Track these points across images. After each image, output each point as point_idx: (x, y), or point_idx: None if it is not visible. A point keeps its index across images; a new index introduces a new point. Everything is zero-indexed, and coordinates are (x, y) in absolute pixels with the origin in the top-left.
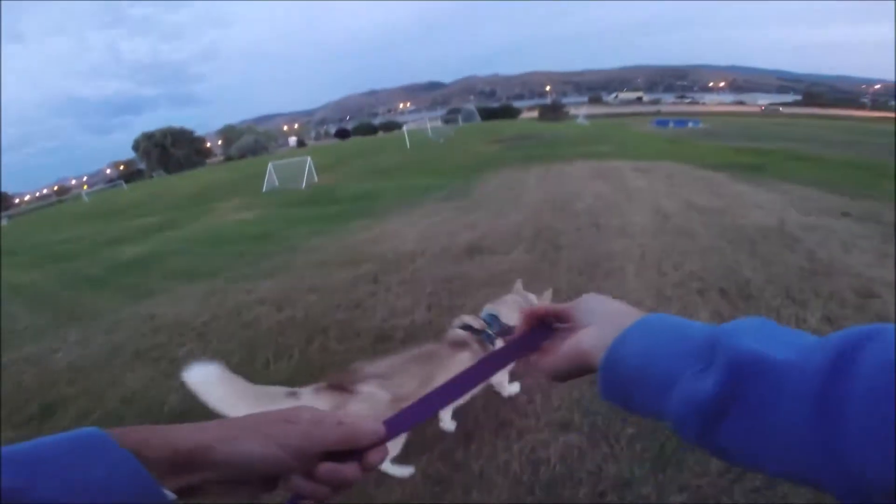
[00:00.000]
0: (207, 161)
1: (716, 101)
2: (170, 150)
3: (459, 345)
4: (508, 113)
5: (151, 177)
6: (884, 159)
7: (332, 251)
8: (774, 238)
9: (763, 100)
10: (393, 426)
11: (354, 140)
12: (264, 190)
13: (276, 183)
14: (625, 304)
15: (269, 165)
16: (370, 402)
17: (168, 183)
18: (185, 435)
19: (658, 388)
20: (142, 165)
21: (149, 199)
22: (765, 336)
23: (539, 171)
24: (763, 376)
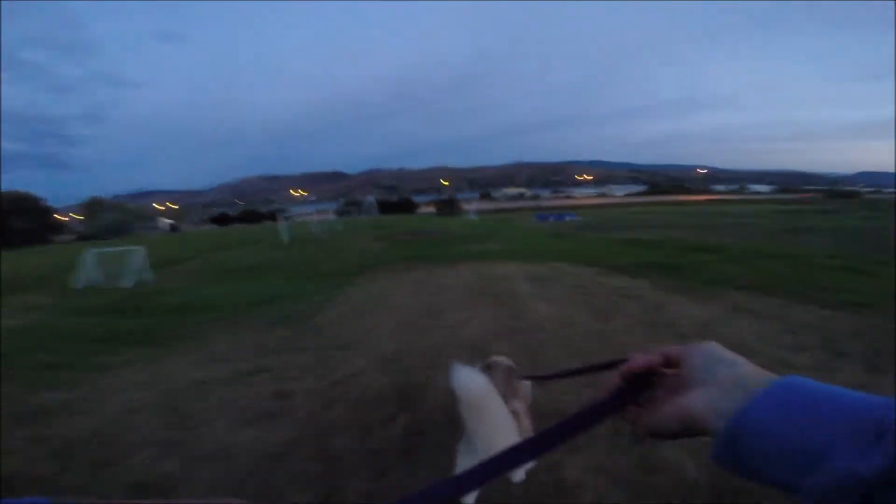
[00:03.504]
0: (56, 238)
1: (584, 194)
2: (7, 220)
3: (511, 368)
4: (407, 207)
5: None
6: (770, 243)
7: None
8: None
9: (619, 191)
10: None
11: (234, 228)
12: (78, 286)
13: (99, 278)
14: (747, 361)
15: (88, 254)
16: (524, 415)
17: None
18: None
19: (798, 459)
20: None
21: None
22: None
23: (417, 278)
24: None
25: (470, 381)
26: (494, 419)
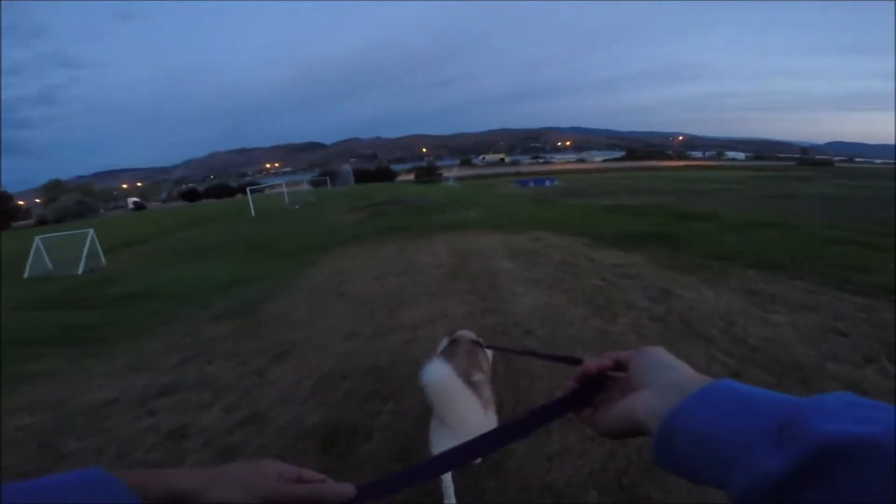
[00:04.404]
0: (14, 224)
1: (563, 160)
2: None
3: (475, 342)
4: (385, 175)
5: None
6: (760, 211)
7: None
8: None
9: (598, 156)
10: (371, 491)
11: (203, 204)
12: (27, 275)
13: (49, 265)
14: (687, 366)
15: (36, 241)
16: (486, 385)
17: None
18: (179, 480)
19: (722, 459)
20: None
21: None
22: (849, 412)
23: (387, 256)
24: (846, 455)
25: (436, 373)
26: (461, 402)
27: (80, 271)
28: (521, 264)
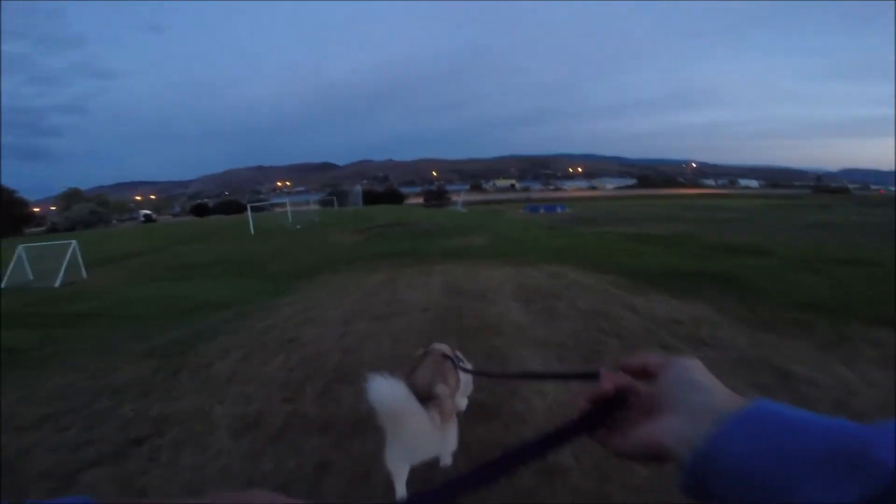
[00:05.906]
0: (27, 230)
1: (575, 187)
2: None
3: (446, 356)
4: (394, 197)
5: None
6: (815, 243)
7: None
8: None
9: (610, 183)
10: None
11: (211, 219)
12: (4, 285)
13: (29, 276)
14: (721, 385)
15: (19, 250)
16: (448, 398)
17: None
18: None
19: (766, 490)
20: None
21: None
22: None
23: (372, 288)
24: None
25: (387, 392)
26: (414, 425)
27: (57, 284)
28: (536, 314)
